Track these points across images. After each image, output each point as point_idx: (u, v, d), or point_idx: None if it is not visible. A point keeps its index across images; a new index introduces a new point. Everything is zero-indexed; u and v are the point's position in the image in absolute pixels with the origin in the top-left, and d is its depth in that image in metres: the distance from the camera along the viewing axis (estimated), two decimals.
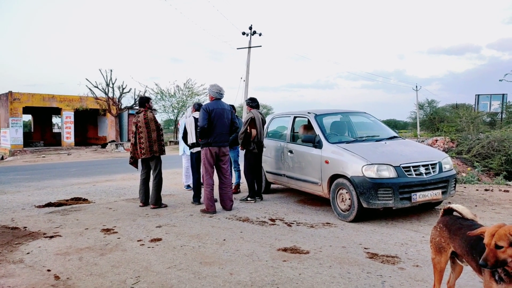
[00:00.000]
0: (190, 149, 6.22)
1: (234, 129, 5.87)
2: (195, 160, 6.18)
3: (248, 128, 6.25)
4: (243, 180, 7.32)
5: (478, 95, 29.73)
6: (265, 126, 7.23)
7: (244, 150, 6.40)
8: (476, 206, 5.77)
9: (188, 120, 6.22)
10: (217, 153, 5.61)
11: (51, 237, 4.45)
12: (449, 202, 5.96)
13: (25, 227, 4.90)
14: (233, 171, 7.50)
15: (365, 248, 3.91)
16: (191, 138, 6.05)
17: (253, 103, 6.56)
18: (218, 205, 5.79)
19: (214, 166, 5.69)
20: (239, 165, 7.40)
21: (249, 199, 6.40)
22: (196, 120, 5.90)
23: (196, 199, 6.25)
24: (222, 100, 5.76)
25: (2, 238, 4.41)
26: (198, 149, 6.08)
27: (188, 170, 7.29)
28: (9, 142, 25.42)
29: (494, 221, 4.86)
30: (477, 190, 7.20)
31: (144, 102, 6.07)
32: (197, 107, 6.42)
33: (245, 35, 26.02)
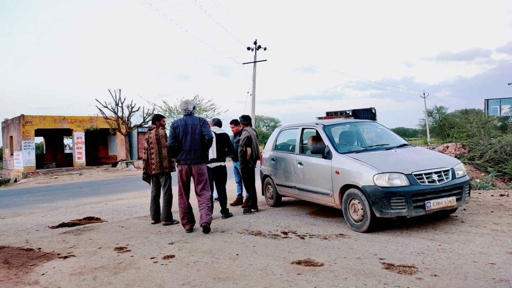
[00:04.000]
0: (207, 163, 6.23)
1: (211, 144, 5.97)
2: (213, 175, 6.19)
3: (244, 147, 6.43)
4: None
5: (487, 99, 29.45)
6: (274, 139, 7.28)
7: (243, 166, 6.58)
8: (492, 212, 5.65)
9: None
10: (190, 172, 5.37)
11: (65, 257, 4.47)
12: (464, 209, 5.86)
13: (39, 248, 4.93)
14: (236, 184, 7.59)
15: (380, 258, 3.84)
16: (212, 154, 6.03)
17: (245, 121, 6.91)
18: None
19: (187, 185, 5.46)
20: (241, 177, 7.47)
21: (252, 210, 6.60)
22: (215, 135, 6.02)
23: None
24: (195, 115, 5.61)
25: (17, 260, 4.45)
26: (216, 164, 6.16)
27: None
28: (22, 164, 25.83)
29: None
30: (492, 195, 7.07)
31: (155, 119, 6.26)
32: (216, 121, 6.51)
33: (250, 50, 26.31)
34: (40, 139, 36.26)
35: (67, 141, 37.27)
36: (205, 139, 5.35)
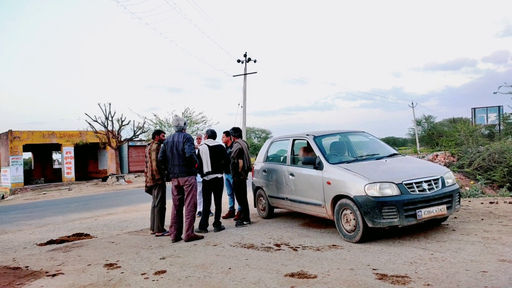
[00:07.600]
0: (202, 176, 6.20)
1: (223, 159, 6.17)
2: (210, 187, 6.21)
3: (236, 159, 6.42)
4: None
5: (474, 108, 30.03)
6: (265, 150, 7.29)
7: (235, 179, 6.55)
8: (482, 219, 5.70)
9: (201, 148, 6.24)
10: (178, 184, 5.74)
11: (54, 275, 4.36)
12: (455, 217, 5.90)
13: (27, 267, 4.81)
14: (227, 197, 7.55)
15: (373, 269, 3.83)
16: (207, 167, 6.08)
17: (236, 133, 6.96)
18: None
19: (177, 197, 5.82)
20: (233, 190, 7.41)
21: (244, 222, 6.58)
22: (209, 147, 6.10)
23: (203, 227, 6.19)
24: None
25: (3, 279, 4.32)
26: (211, 176, 6.17)
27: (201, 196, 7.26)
28: (10, 180, 25.35)
29: (503, 234, 4.79)
30: (482, 203, 7.14)
31: (155, 134, 6.54)
32: (210, 134, 6.48)
33: (240, 62, 26.49)
34: (28, 155, 35.74)
35: (56, 156, 36.79)
36: (186, 156, 5.60)
